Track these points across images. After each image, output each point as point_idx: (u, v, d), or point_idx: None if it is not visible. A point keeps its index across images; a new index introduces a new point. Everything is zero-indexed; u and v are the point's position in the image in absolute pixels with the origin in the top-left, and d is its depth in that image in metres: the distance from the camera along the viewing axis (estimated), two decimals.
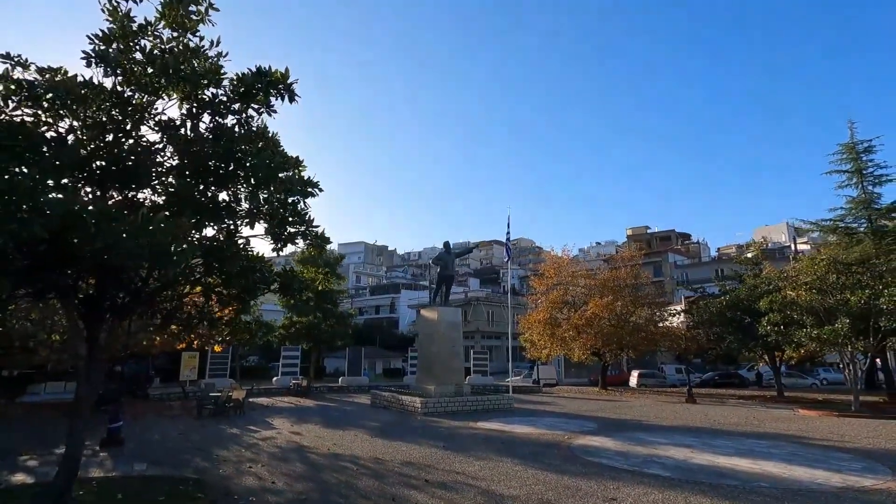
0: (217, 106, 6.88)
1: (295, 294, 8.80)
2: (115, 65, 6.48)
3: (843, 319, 19.04)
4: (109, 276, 7.09)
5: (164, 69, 6.33)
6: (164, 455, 10.82)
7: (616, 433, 14.16)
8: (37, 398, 22.57)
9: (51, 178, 5.69)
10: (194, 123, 6.94)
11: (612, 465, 9.98)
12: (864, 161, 25.27)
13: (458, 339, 21.95)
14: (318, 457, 10.86)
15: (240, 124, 7.10)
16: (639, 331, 30.91)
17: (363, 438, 13.10)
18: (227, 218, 7.18)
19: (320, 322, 30.91)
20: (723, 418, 18.01)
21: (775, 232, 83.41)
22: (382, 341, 54.09)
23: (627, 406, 22.63)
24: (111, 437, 11.79)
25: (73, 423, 6.93)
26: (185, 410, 19.11)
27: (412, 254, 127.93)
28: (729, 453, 11.25)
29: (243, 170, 7.10)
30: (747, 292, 26.09)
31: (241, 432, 14.25)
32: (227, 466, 9.85)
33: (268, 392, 27.08)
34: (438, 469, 9.57)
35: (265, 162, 6.57)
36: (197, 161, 7.08)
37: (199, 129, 7.03)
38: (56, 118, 6.76)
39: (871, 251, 22.65)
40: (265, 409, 20.60)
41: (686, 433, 14.33)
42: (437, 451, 11.37)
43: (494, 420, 16.80)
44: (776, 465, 9.99)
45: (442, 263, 22.75)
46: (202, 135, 7.15)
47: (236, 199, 7.43)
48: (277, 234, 7.33)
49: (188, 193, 6.81)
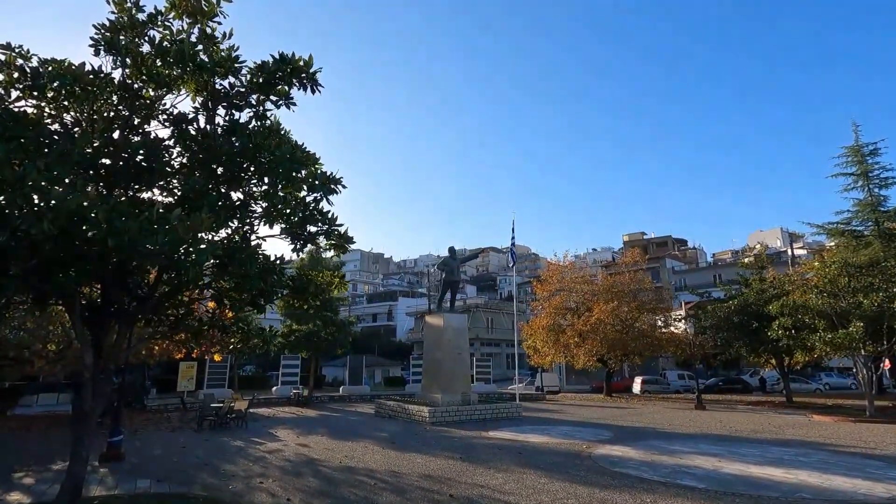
0: (233, 97, 6.45)
1: (309, 298, 8.32)
2: (125, 52, 6.04)
3: (856, 323, 18.76)
4: (116, 281, 6.62)
5: (178, 56, 5.89)
6: (169, 470, 10.26)
7: (635, 442, 13.71)
8: (29, 410, 21.86)
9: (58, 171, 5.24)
10: (209, 116, 6.49)
11: (642, 476, 9.52)
12: (869, 164, 25.14)
13: (465, 346, 21.47)
14: (331, 470, 10.34)
15: (256, 117, 6.66)
16: (644, 336, 30.56)
17: (375, 450, 12.58)
18: (244, 217, 6.72)
19: (320, 330, 30.27)
20: (738, 425, 17.61)
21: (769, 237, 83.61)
22: (381, 349, 53.44)
23: (637, 413, 22.19)
24: (111, 451, 11.18)
25: (76, 438, 6.42)
26: (185, 422, 18.49)
27: (408, 261, 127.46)
28: (758, 462, 10.83)
29: (260, 166, 6.67)
30: (755, 296, 25.79)
31: (246, 445, 13.69)
32: (236, 482, 9.31)
33: (268, 402, 26.45)
34: (460, 482, 9.09)
35: (286, 157, 6.12)
36: (211, 157, 6.64)
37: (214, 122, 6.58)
38: (60, 110, 6.32)
39: (880, 254, 22.42)
40: (267, 419, 20.00)
41: (707, 441, 13.90)
42: (455, 462, 10.88)
43: (505, 429, 16.32)
44: (811, 475, 9.58)
45: (448, 269, 22.28)
46: (216, 129, 6.71)
47: (252, 197, 6.97)
48: (298, 234, 6.88)
49: (202, 191, 6.36)
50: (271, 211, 6.83)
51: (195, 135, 6.71)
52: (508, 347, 58.94)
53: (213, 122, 6.58)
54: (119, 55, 6.05)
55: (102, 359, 6.65)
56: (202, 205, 5.87)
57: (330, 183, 6.69)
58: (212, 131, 6.60)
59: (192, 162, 6.91)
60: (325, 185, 6.63)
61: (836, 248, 25.63)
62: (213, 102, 6.51)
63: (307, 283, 7.99)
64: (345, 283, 8.67)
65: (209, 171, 6.79)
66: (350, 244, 6.84)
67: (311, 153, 6.88)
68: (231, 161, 6.63)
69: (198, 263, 4.87)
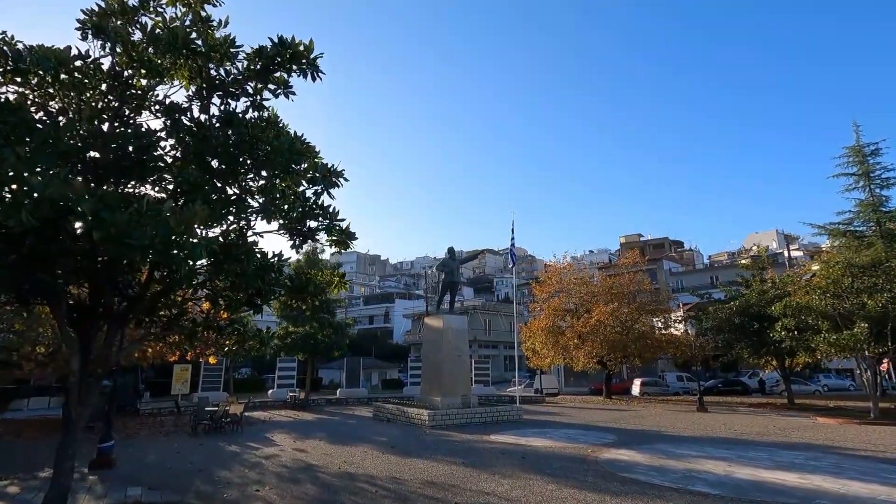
0: (229, 86, 6.09)
1: (308, 298, 7.96)
2: (114, 37, 5.69)
3: (860, 324, 18.55)
4: (105, 279, 6.25)
5: (170, 40, 5.54)
6: (161, 478, 9.86)
7: (640, 445, 13.40)
8: (20, 414, 21.39)
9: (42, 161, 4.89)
10: (203, 105, 6.14)
11: (652, 481, 9.21)
12: (871, 164, 24.97)
13: (465, 348, 21.12)
14: (330, 477, 9.97)
15: (254, 106, 6.31)
16: (644, 338, 30.31)
17: (374, 455, 12.21)
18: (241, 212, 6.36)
19: (317, 332, 29.85)
20: (743, 427, 17.33)
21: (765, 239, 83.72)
22: (378, 351, 53.00)
23: (639, 416, 21.90)
24: (101, 457, 10.77)
25: (62, 447, 6.04)
26: (179, 426, 18.06)
27: (405, 263, 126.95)
28: (769, 466, 10.54)
29: (257, 158, 6.32)
30: (757, 297, 25.56)
31: (241, 450, 13.29)
32: (231, 490, 8.94)
33: (264, 405, 26.01)
34: (466, 489, 8.74)
35: (285, 147, 5.78)
36: (206, 149, 6.29)
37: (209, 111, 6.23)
38: (46, 98, 5.96)
39: (882, 254, 22.21)
40: (263, 423, 19.59)
41: (714, 444, 13.61)
42: (458, 468, 10.53)
43: (507, 433, 15.99)
44: (826, 480, 9.29)
45: (447, 270, 21.94)
46: (211, 120, 6.37)
47: (248, 191, 6.62)
48: (297, 230, 6.52)
49: (196, 184, 6.00)
50: (269, 206, 6.48)
51: (189, 126, 6.35)
52: (506, 349, 58.61)
53: (208, 112, 6.22)
54: (108, 40, 5.69)
55: (90, 362, 6.28)
56: (196, 198, 5.52)
57: (331, 176, 6.36)
58: (207, 122, 6.25)
59: (185, 154, 6.56)
60: (325, 177, 6.30)
61: (838, 249, 25.42)
62: (207, 91, 6.15)
63: (306, 283, 7.62)
64: (345, 283, 8.31)
65: (204, 164, 6.44)
66: (353, 240, 6.48)
67: (310, 145, 6.54)
68: (227, 153, 6.28)
69: (191, 259, 4.52)
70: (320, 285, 7.99)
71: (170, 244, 4.12)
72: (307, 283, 7.79)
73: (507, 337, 55.67)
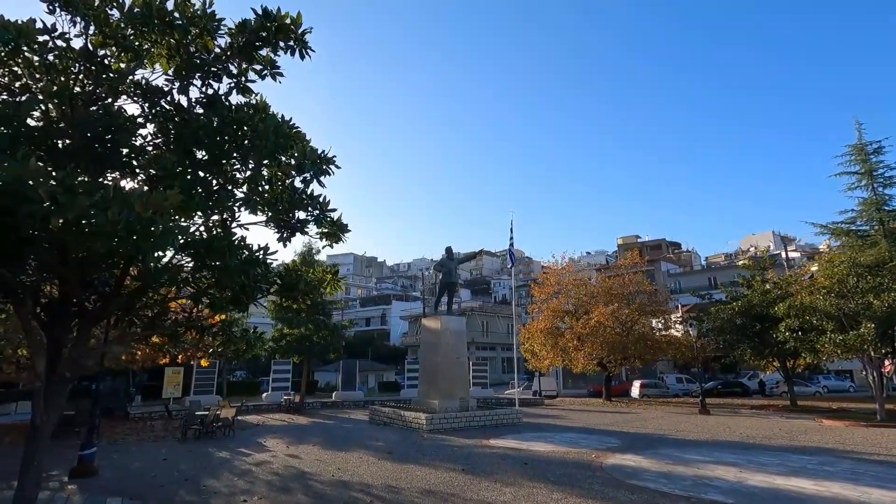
0: (210, 65, 5.61)
1: (299, 297, 7.46)
2: (84, 10, 5.21)
3: (867, 324, 18.18)
4: (75, 275, 5.76)
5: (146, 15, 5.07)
6: (144, 487, 9.34)
7: (645, 450, 12.95)
8: (6, 419, 20.79)
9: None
10: (183, 86, 5.66)
11: (661, 489, 8.75)
12: (873, 162, 24.62)
13: (463, 350, 20.64)
14: (322, 485, 9.47)
15: (238, 88, 5.83)
16: (644, 339, 29.89)
17: (370, 461, 11.71)
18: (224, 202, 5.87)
19: (312, 334, 29.28)
20: (748, 430, 16.90)
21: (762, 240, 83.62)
22: (375, 354, 52.45)
23: (640, 419, 21.45)
24: (82, 465, 10.23)
25: (26, 456, 5.54)
26: (169, 431, 17.49)
27: (401, 265, 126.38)
28: (782, 472, 10.10)
29: (242, 145, 5.84)
30: (759, 298, 25.17)
31: (231, 456, 12.77)
32: (218, 500, 8.43)
33: (258, 409, 25.44)
34: (466, 499, 8.27)
35: (270, 130, 5.30)
36: (186, 134, 5.81)
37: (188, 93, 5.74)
38: (11, 77, 5.48)
39: (886, 254, 21.86)
40: (256, 427, 19.02)
41: (721, 449, 13.16)
42: (458, 475, 10.05)
43: (507, 437, 15.50)
44: (844, 487, 8.86)
45: (445, 270, 21.45)
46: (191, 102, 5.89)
47: (233, 180, 6.13)
48: (285, 221, 6.03)
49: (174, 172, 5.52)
50: (254, 196, 6.00)
51: (168, 109, 5.87)
52: (503, 351, 58.15)
53: (187, 93, 5.74)
54: (77, 13, 5.21)
55: (60, 366, 5.79)
56: (173, 185, 5.05)
57: (321, 163, 5.88)
58: (187, 104, 5.77)
59: (166, 142, 6.09)
60: (315, 164, 5.82)
61: (842, 248, 25.05)
62: (187, 71, 5.67)
63: (296, 280, 7.13)
64: (338, 281, 7.81)
65: (184, 152, 5.96)
66: (345, 232, 6.01)
67: (299, 130, 6.06)
68: (209, 139, 5.80)
69: (159, 249, 4.04)
70: (311, 283, 7.49)
71: (134, 231, 3.65)
72: (297, 280, 7.29)
73: (505, 339, 55.22)
